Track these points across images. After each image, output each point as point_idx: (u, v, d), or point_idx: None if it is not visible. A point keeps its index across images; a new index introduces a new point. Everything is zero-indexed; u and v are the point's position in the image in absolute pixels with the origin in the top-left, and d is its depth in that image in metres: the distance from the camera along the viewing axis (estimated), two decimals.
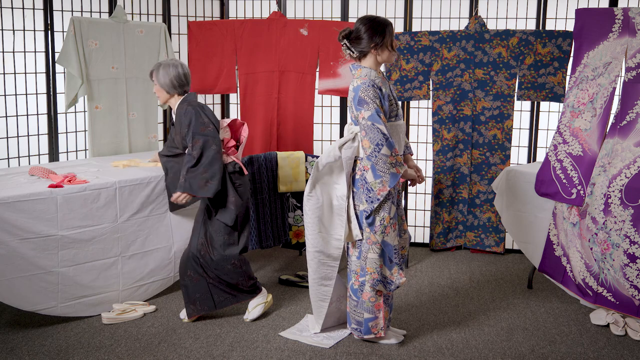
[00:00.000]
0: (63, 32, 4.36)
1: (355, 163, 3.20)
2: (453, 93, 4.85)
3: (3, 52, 4.12)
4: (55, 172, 3.72)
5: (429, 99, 4.91)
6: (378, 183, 3.06)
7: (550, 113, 4.87)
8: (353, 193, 3.22)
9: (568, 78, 4.55)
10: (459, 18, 4.92)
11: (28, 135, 4.31)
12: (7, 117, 4.19)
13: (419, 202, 5.15)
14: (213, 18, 5.26)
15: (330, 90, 4.98)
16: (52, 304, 3.44)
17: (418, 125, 5.07)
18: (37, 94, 4.32)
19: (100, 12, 4.58)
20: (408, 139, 3.51)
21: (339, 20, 5.02)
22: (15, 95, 4.22)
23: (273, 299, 3.90)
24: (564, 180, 3.76)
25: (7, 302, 3.31)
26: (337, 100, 5.11)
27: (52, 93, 4.37)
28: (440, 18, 4.94)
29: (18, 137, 4.27)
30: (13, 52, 4.17)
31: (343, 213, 3.22)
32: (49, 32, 4.30)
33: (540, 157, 4.87)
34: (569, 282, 3.84)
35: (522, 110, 4.94)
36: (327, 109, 5.18)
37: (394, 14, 4.93)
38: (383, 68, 4.74)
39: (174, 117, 3.62)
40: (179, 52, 5.06)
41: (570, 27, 4.64)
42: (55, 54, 4.31)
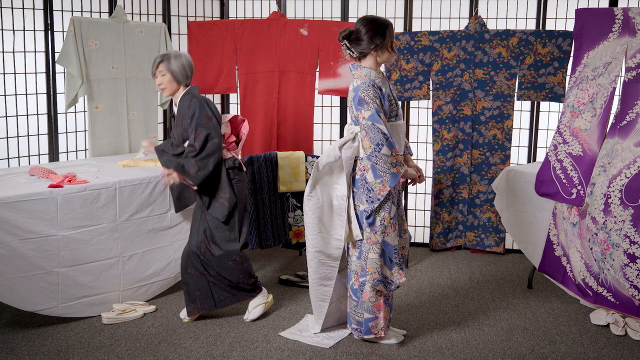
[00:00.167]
0: (63, 32, 4.36)
1: (356, 163, 3.19)
2: (453, 93, 4.85)
3: (3, 52, 4.12)
4: (55, 172, 3.72)
5: (429, 99, 4.91)
6: (378, 183, 3.06)
7: (550, 113, 4.87)
8: (353, 193, 3.22)
9: (568, 78, 4.55)
10: (459, 18, 4.92)
11: (28, 135, 4.31)
12: (7, 117, 4.19)
13: (419, 202, 5.15)
14: (213, 18, 5.26)
15: (330, 90, 4.98)
16: (52, 304, 3.44)
17: (418, 125, 5.07)
18: (37, 94, 4.32)
19: (100, 12, 4.58)
20: (408, 139, 3.51)
21: (339, 20, 5.02)
22: (15, 95, 4.22)
23: (273, 299, 3.91)
24: (564, 180, 3.76)
25: (7, 302, 3.31)
26: (337, 100, 5.11)
27: (52, 93, 4.37)
28: (440, 18, 4.94)
29: (18, 137, 4.27)
30: (13, 52, 4.17)
31: (343, 213, 3.22)
32: (49, 32, 4.30)
33: (540, 157, 4.87)
34: (569, 282, 3.84)
35: (522, 110, 4.94)
36: (327, 109, 5.18)
37: (394, 14, 4.93)
38: (383, 68, 4.74)
39: (176, 109, 3.60)
40: None
41: (570, 27, 4.64)
42: (55, 54, 4.31)
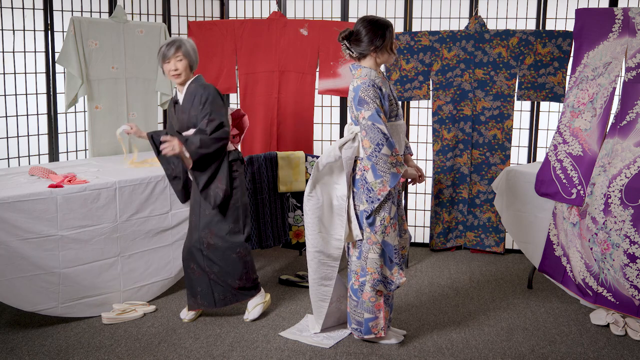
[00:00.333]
0: (63, 32, 4.36)
1: (356, 163, 3.19)
2: (453, 93, 4.85)
3: (3, 52, 4.12)
4: (55, 172, 3.72)
5: (429, 99, 4.91)
6: (378, 183, 3.06)
7: (550, 113, 4.87)
8: (353, 193, 3.22)
9: (568, 78, 4.54)
10: (459, 18, 4.92)
11: (28, 135, 4.31)
12: (7, 117, 4.19)
13: (419, 202, 5.15)
14: (213, 18, 5.26)
15: (330, 90, 4.98)
16: (52, 305, 3.44)
17: (418, 125, 5.07)
18: (37, 94, 4.32)
19: (100, 12, 4.58)
20: (408, 139, 3.51)
21: (339, 20, 5.02)
22: (15, 95, 4.22)
23: (273, 299, 3.91)
24: (564, 180, 3.76)
25: (7, 302, 3.30)
26: (337, 100, 5.11)
27: (52, 93, 4.37)
28: (440, 18, 4.94)
29: (18, 137, 4.27)
30: (13, 52, 4.17)
31: (343, 213, 3.22)
32: (49, 32, 4.30)
33: (540, 157, 4.87)
34: (569, 282, 3.84)
35: (522, 110, 4.94)
36: (327, 109, 5.18)
37: (394, 14, 4.93)
38: (383, 68, 4.74)
39: (181, 96, 3.54)
40: None
41: (570, 27, 4.64)
42: (55, 54, 4.31)
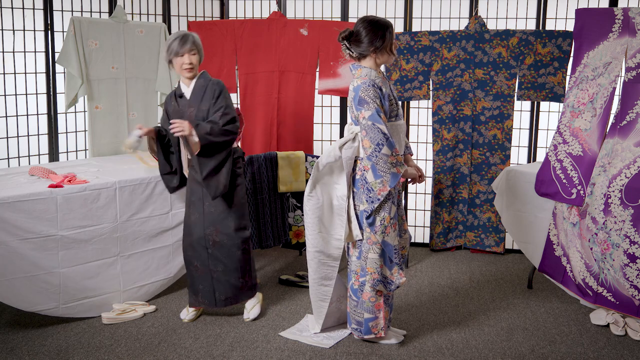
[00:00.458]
0: (63, 32, 4.36)
1: (356, 163, 3.19)
2: (453, 93, 4.85)
3: (3, 52, 4.12)
4: (55, 172, 3.72)
5: (429, 99, 4.90)
6: (378, 183, 3.06)
7: (550, 113, 4.87)
8: (353, 193, 3.22)
9: (568, 78, 4.54)
10: (459, 18, 4.92)
11: (28, 135, 4.31)
12: (7, 117, 4.19)
13: (419, 202, 5.15)
14: (213, 18, 5.26)
15: (330, 90, 4.98)
16: (53, 305, 3.44)
17: (418, 125, 5.07)
18: (37, 94, 4.32)
19: (100, 12, 4.58)
20: (408, 139, 3.51)
21: (339, 20, 5.02)
22: (15, 95, 4.22)
23: (273, 299, 3.93)
24: (564, 180, 3.76)
25: (8, 302, 3.30)
26: (337, 100, 5.11)
27: (52, 93, 4.37)
28: (440, 18, 4.94)
29: (18, 137, 4.27)
30: (13, 52, 4.17)
31: (343, 213, 3.22)
32: (49, 32, 4.31)
33: (540, 157, 4.87)
34: (569, 282, 3.84)
35: (522, 110, 4.94)
36: (327, 109, 5.18)
37: (394, 14, 4.93)
38: (383, 68, 4.74)
39: (188, 91, 3.52)
40: None
41: (570, 27, 4.64)
42: (55, 54, 4.31)
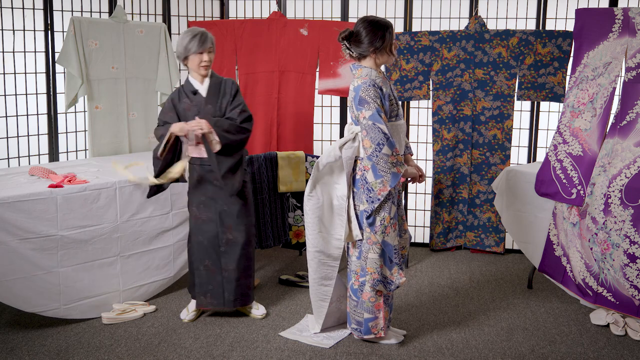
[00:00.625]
0: (63, 32, 4.36)
1: (356, 163, 3.19)
2: (453, 93, 4.85)
3: (3, 52, 4.12)
4: (55, 172, 3.72)
5: (429, 99, 4.90)
6: (379, 183, 3.06)
7: (550, 113, 4.87)
8: (353, 193, 3.21)
9: (568, 78, 4.54)
10: (459, 18, 4.92)
11: (28, 135, 4.31)
12: (7, 117, 4.19)
13: (419, 202, 5.15)
14: (213, 18, 5.26)
15: (330, 90, 4.98)
16: (54, 306, 3.44)
17: (418, 125, 5.07)
18: (37, 94, 4.32)
19: (100, 12, 4.58)
20: (408, 139, 3.51)
21: (339, 20, 5.02)
22: (15, 95, 4.22)
23: (273, 299, 3.95)
24: (564, 180, 3.76)
25: (8, 303, 3.30)
26: (337, 100, 5.11)
27: (52, 93, 4.37)
28: (440, 18, 4.94)
29: (18, 137, 4.27)
30: (13, 52, 4.17)
31: (343, 213, 3.22)
32: (49, 32, 4.30)
33: (540, 157, 4.87)
34: (569, 282, 3.84)
35: (522, 110, 4.94)
36: (327, 109, 5.18)
37: (394, 14, 4.93)
38: (383, 68, 4.74)
39: (204, 89, 3.53)
40: None
41: (570, 27, 4.64)
42: (55, 54, 4.31)
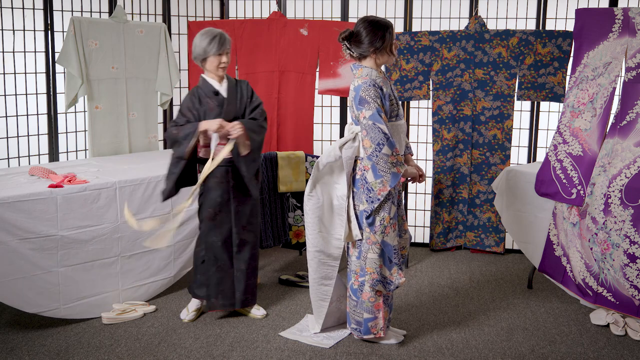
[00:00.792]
0: (63, 32, 4.36)
1: (356, 163, 3.19)
2: (453, 93, 4.85)
3: (3, 52, 4.12)
4: (55, 172, 3.72)
5: (429, 99, 4.91)
6: (379, 183, 3.06)
7: (550, 113, 4.87)
8: (353, 193, 3.22)
9: (568, 78, 4.54)
10: (459, 18, 4.92)
11: (28, 135, 4.31)
12: (7, 117, 4.19)
13: (419, 202, 5.15)
14: (213, 18, 5.26)
15: (330, 90, 4.98)
16: (55, 306, 3.44)
17: (418, 125, 5.07)
18: (37, 94, 4.32)
19: (100, 12, 4.58)
20: (408, 139, 3.51)
21: (339, 20, 5.02)
22: (15, 95, 4.22)
23: (273, 299, 3.94)
24: (564, 180, 3.76)
25: (8, 303, 3.30)
26: (337, 100, 5.11)
27: (52, 93, 4.37)
28: (440, 18, 4.94)
29: (18, 137, 4.27)
30: (13, 52, 4.17)
31: (343, 213, 3.22)
32: (49, 32, 4.30)
33: (540, 157, 4.87)
34: (569, 282, 3.84)
35: (522, 110, 4.94)
36: (327, 109, 5.18)
37: (394, 14, 4.93)
38: (383, 68, 4.73)
39: (222, 88, 3.52)
40: (179, 52, 5.05)
41: (570, 27, 4.64)
42: (55, 54, 4.31)
